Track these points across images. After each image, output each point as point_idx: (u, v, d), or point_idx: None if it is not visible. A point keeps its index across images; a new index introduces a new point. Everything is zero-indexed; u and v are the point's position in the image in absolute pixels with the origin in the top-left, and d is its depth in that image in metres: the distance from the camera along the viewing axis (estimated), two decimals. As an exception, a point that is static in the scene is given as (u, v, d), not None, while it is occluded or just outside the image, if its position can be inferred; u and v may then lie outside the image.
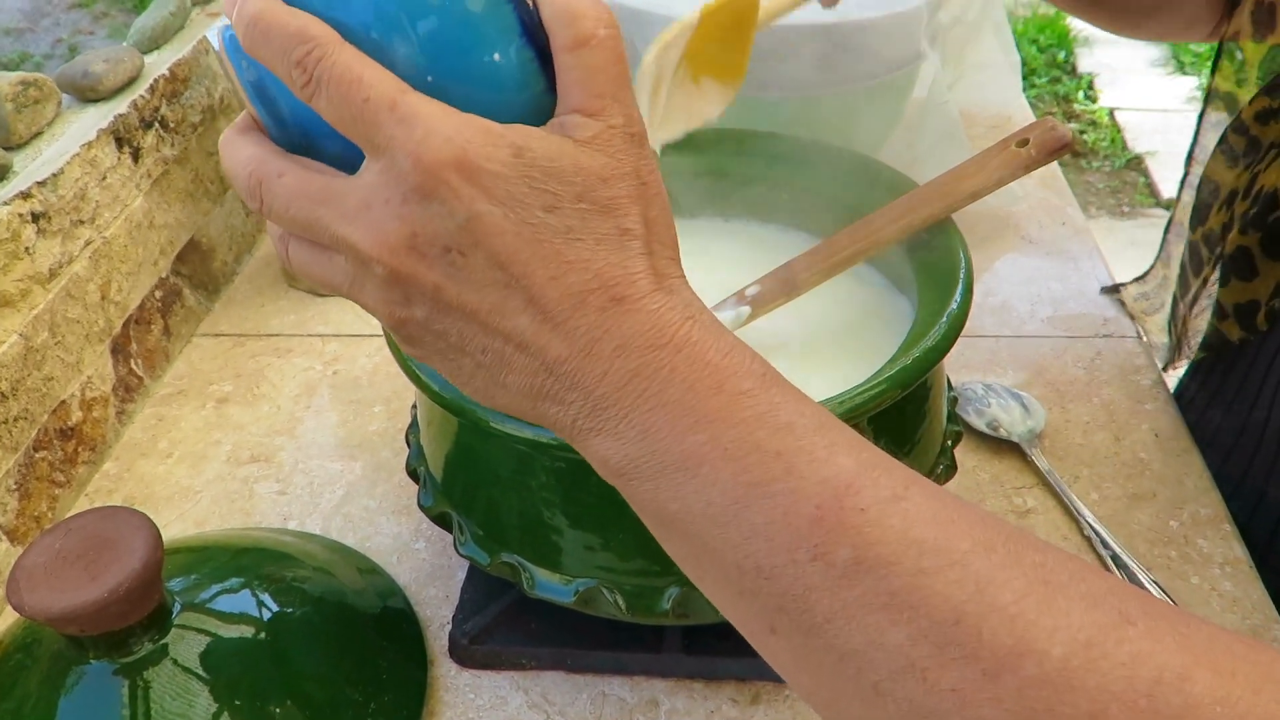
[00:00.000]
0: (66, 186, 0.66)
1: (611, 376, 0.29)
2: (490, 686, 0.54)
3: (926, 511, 0.27)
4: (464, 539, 0.51)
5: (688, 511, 0.28)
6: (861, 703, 0.27)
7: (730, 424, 0.28)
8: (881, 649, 0.26)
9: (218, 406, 0.74)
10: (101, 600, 0.45)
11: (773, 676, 0.53)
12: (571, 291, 0.28)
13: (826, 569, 0.27)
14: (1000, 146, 0.52)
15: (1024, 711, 0.25)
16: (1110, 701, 0.24)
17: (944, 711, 0.25)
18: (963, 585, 0.26)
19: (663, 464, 0.28)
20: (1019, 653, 0.25)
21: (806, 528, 0.27)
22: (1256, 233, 0.60)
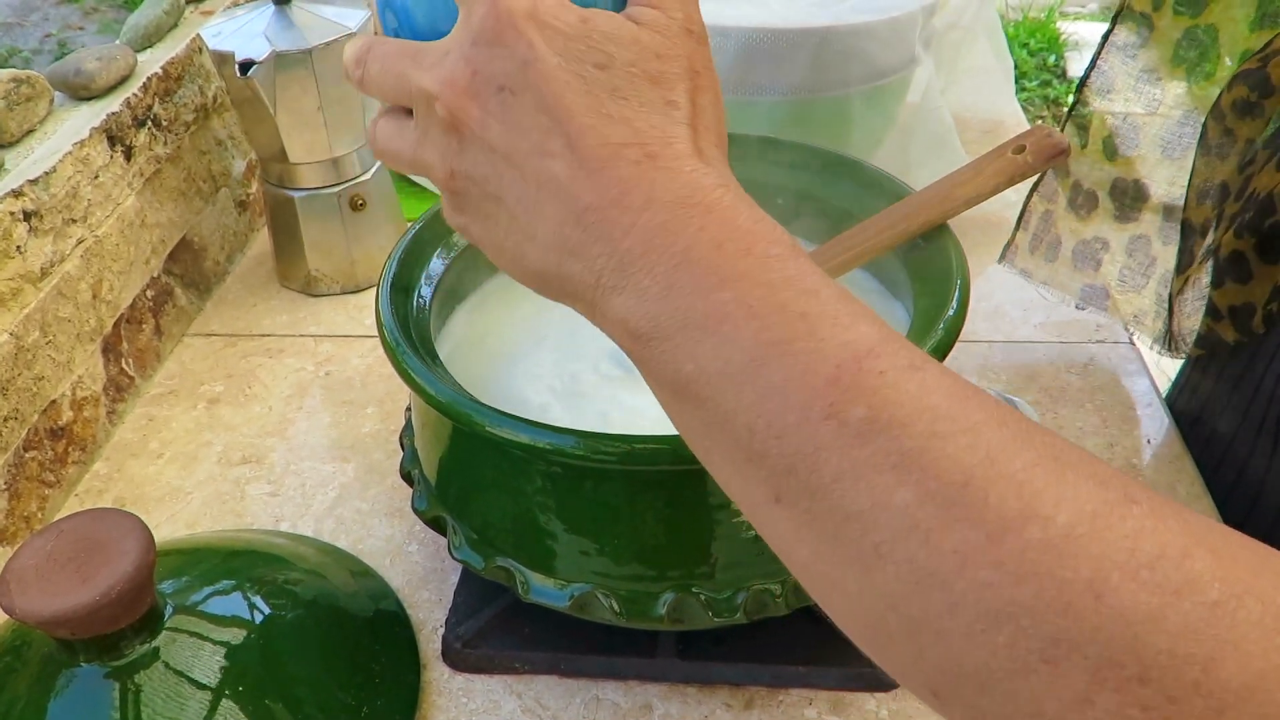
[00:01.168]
0: (58, 185, 0.66)
1: (639, 229, 0.29)
2: (483, 690, 0.54)
3: (943, 383, 0.27)
4: (458, 543, 0.50)
5: (703, 372, 0.28)
6: (861, 568, 0.27)
7: (756, 284, 0.28)
8: (887, 509, 0.26)
9: (209, 407, 0.74)
10: (93, 603, 0.45)
11: (766, 681, 0.53)
12: (608, 143, 0.30)
13: (840, 427, 0.27)
14: (997, 153, 0.52)
15: (1024, 574, 0.25)
16: (1112, 570, 0.24)
17: (945, 573, 0.25)
18: (973, 450, 0.26)
19: (685, 321, 0.29)
20: (1024, 517, 0.25)
21: (824, 386, 0.27)
22: (1252, 237, 0.60)
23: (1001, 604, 0.25)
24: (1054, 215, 0.71)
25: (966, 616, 0.25)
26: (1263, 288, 0.61)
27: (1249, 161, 0.60)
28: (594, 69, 0.30)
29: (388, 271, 0.53)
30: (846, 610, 0.28)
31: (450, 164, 0.32)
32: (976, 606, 0.25)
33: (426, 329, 0.53)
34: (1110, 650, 0.24)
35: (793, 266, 0.29)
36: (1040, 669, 0.24)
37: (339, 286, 0.83)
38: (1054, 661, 0.24)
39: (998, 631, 0.25)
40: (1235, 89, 0.58)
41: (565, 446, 0.44)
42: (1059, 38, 3.33)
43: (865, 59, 0.78)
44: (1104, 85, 0.65)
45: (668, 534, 0.46)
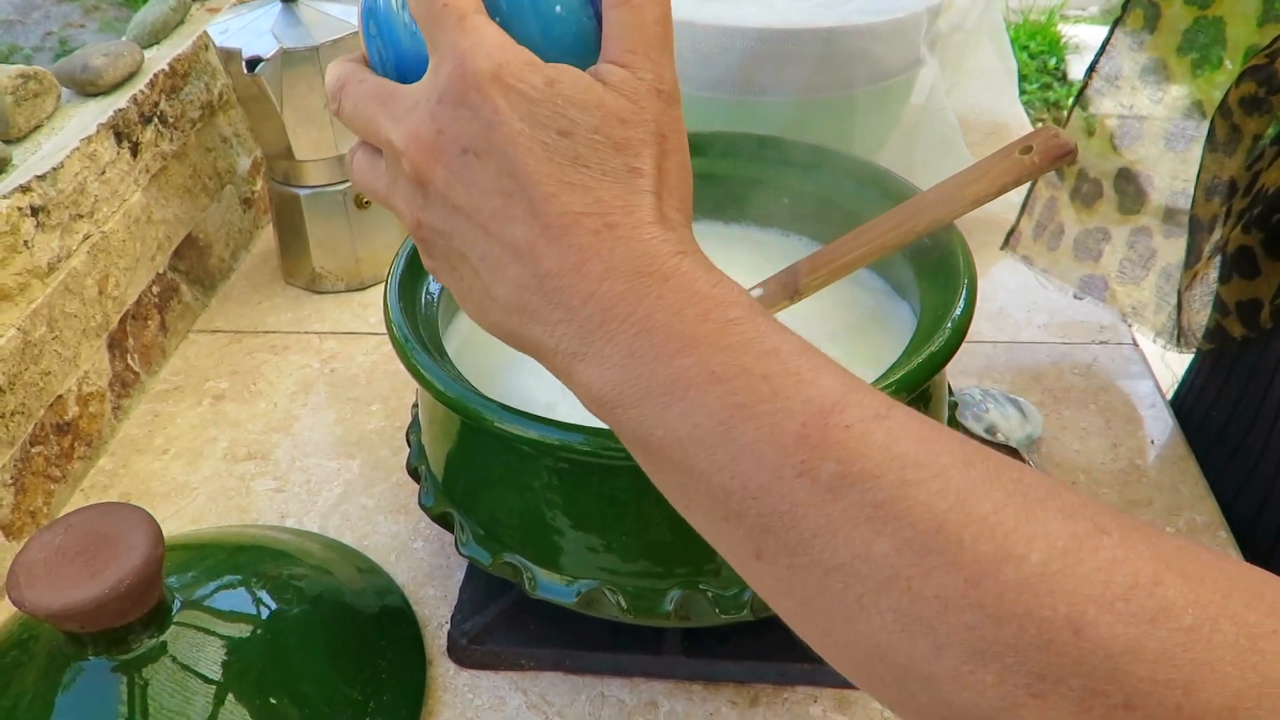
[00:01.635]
0: (66, 181, 0.66)
1: (598, 298, 0.30)
2: (489, 687, 0.54)
3: (908, 429, 0.28)
4: (465, 539, 0.51)
5: (674, 436, 0.29)
6: (846, 619, 0.27)
7: (717, 349, 0.29)
8: (867, 561, 0.27)
9: (214, 403, 0.74)
10: (102, 597, 0.45)
11: (772, 679, 0.53)
12: (569, 210, 0.30)
13: (812, 484, 0.27)
14: (1003, 154, 0.53)
15: (1004, 614, 0.25)
16: (1088, 604, 0.25)
17: (928, 619, 0.26)
18: (944, 496, 0.26)
19: (649, 388, 0.29)
20: (999, 559, 0.25)
21: (793, 445, 0.27)
22: (1259, 232, 0.60)
23: (985, 644, 0.25)
24: (1058, 202, 0.71)
25: (952, 659, 0.26)
26: (1270, 283, 0.61)
27: (1257, 157, 0.60)
28: (557, 135, 0.30)
29: (396, 267, 0.54)
30: (836, 658, 0.29)
31: (417, 215, 0.33)
32: (961, 648, 0.26)
33: (434, 325, 0.53)
34: (1094, 681, 0.24)
35: (750, 328, 0.29)
36: (1029, 703, 0.25)
37: (344, 284, 0.83)
38: (1041, 695, 0.25)
39: (985, 671, 0.25)
40: (1243, 85, 0.58)
41: (574, 442, 0.44)
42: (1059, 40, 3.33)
43: (870, 60, 0.78)
44: (1112, 71, 0.65)
45: (675, 531, 0.46)
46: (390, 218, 0.83)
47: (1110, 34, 0.65)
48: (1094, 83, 0.66)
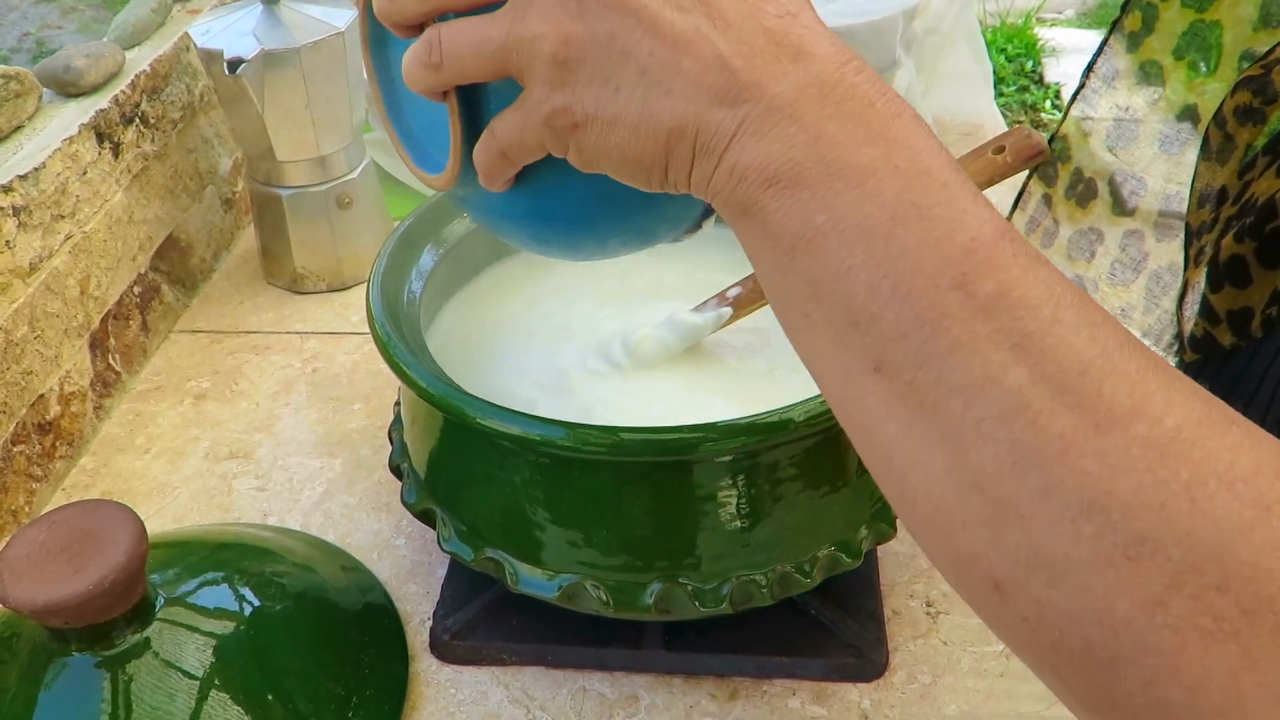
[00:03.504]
0: (47, 181, 0.66)
1: (791, 78, 0.29)
2: (471, 682, 0.55)
3: (1067, 282, 0.28)
4: (448, 535, 0.51)
5: (838, 223, 0.28)
6: (955, 446, 0.27)
7: (906, 146, 0.28)
8: (999, 385, 0.26)
9: (195, 403, 0.74)
10: (86, 593, 0.45)
11: (750, 672, 0.54)
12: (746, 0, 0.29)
13: (966, 298, 0.27)
14: (977, 154, 0.54)
15: (1124, 468, 0.25)
16: (1210, 477, 0.24)
17: (1045, 456, 0.25)
18: (1094, 344, 0.26)
19: (829, 171, 0.28)
20: (1134, 413, 0.25)
21: (958, 255, 0.27)
22: (1252, 241, 0.61)
23: (1097, 494, 0.25)
24: (1053, 200, 0.72)
25: (1058, 502, 0.25)
26: (1261, 292, 0.62)
27: (1249, 166, 0.60)
28: None
29: (379, 265, 0.54)
30: (924, 491, 0.28)
31: (564, 29, 0.30)
32: (1072, 494, 0.25)
33: (416, 323, 0.53)
34: (1195, 556, 0.24)
35: (935, 141, 0.29)
36: (1121, 564, 0.24)
37: (325, 284, 0.84)
38: (1137, 559, 0.24)
39: (1087, 521, 0.25)
40: (1239, 95, 0.59)
41: (554, 438, 0.44)
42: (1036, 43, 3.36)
43: (847, 62, 0.79)
44: (1108, 73, 0.66)
45: (655, 525, 0.47)
46: (372, 218, 0.84)
47: (1108, 35, 0.66)
48: (1091, 83, 0.67)
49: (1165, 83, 0.65)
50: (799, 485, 0.47)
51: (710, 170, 0.30)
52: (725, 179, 0.30)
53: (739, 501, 0.47)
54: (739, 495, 0.46)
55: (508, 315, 0.61)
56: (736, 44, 0.29)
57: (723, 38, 0.29)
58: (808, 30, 0.29)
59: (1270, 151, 0.59)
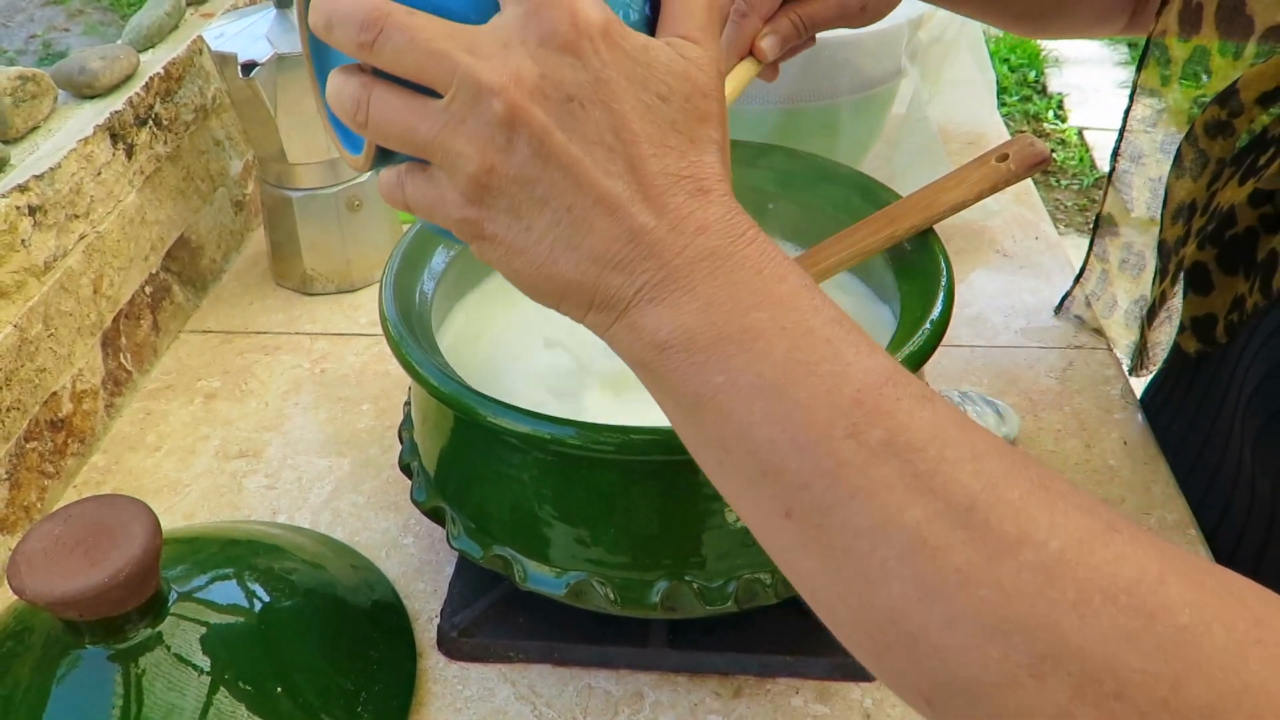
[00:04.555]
0: (62, 181, 0.67)
1: (689, 251, 0.31)
2: (478, 678, 0.55)
3: (951, 414, 0.30)
4: (457, 532, 0.52)
5: (733, 383, 0.30)
6: (867, 582, 0.29)
7: (790, 308, 0.30)
8: (899, 526, 0.28)
9: (205, 402, 0.75)
10: (101, 585, 0.46)
11: (754, 670, 0.55)
12: (668, 171, 0.31)
13: (859, 446, 0.28)
14: (980, 161, 0.54)
15: (1018, 593, 0.27)
16: (1095, 593, 0.26)
17: (947, 589, 0.27)
18: (978, 477, 0.28)
19: (720, 335, 0.30)
20: (1020, 541, 0.27)
21: (848, 406, 0.29)
22: (1213, 248, 0.62)
23: (997, 620, 0.27)
24: (1110, 274, 0.74)
25: (963, 631, 0.27)
26: (1224, 298, 0.63)
27: (1216, 177, 0.61)
28: (657, 99, 0.31)
29: (392, 266, 0.55)
30: (848, 622, 0.30)
31: (491, 159, 0.31)
32: (974, 621, 0.27)
33: (428, 323, 0.54)
34: (1091, 667, 0.26)
35: (819, 299, 0.31)
36: (1028, 683, 0.26)
37: (334, 286, 0.84)
38: (1040, 676, 0.26)
39: (991, 646, 0.27)
40: (1208, 111, 0.60)
41: (564, 436, 0.45)
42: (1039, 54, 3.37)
43: (853, 70, 0.80)
44: (1134, 153, 0.68)
45: (662, 523, 0.48)
46: (382, 221, 0.85)
47: (1124, 121, 0.68)
48: (1120, 164, 0.69)
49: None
50: (804, 485, 0.48)
51: (608, 323, 0.32)
52: (623, 334, 0.32)
53: (745, 501, 0.47)
54: (745, 495, 0.47)
55: (518, 316, 0.61)
56: (649, 216, 0.31)
57: (640, 208, 0.31)
58: (713, 206, 0.31)
59: (1235, 162, 0.60)
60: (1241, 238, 0.61)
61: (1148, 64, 0.64)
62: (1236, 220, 0.61)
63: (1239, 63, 0.58)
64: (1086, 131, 3.04)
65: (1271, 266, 0.59)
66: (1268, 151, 0.59)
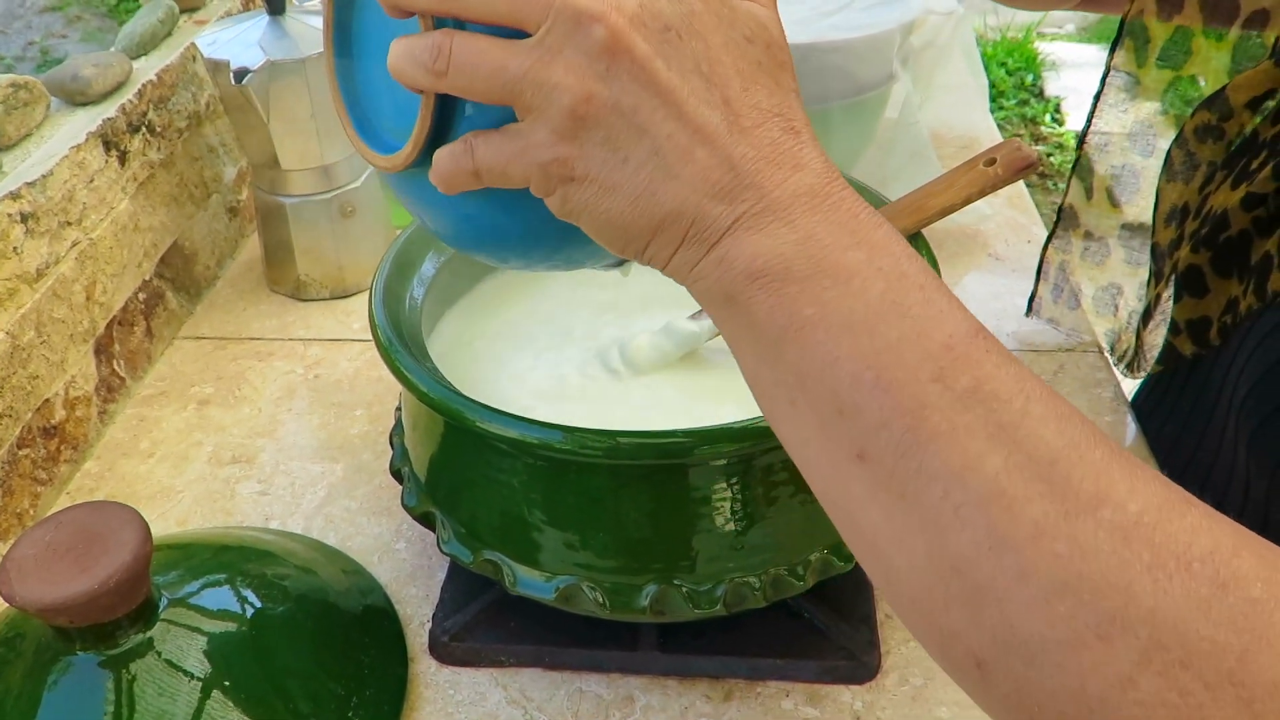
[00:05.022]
0: (55, 188, 0.67)
1: (789, 185, 0.31)
2: (470, 683, 0.55)
3: (1037, 379, 0.30)
4: (447, 537, 0.52)
5: (825, 317, 0.30)
6: (936, 530, 0.28)
7: (886, 252, 0.31)
8: (977, 474, 0.28)
9: (199, 408, 0.75)
10: (91, 592, 0.46)
11: (744, 674, 0.55)
12: (760, 107, 0.31)
13: (945, 390, 0.28)
14: (969, 165, 0.55)
15: (1093, 551, 0.26)
16: (1170, 558, 0.26)
17: (1019, 541, 0.27)
18: (1062, 435, 0.28)
19: (817, 269, 0.30)
20: (1100, 500, 0.27)
21: (937, 350, 0.29)
22: (1207, 251, 0.62)
23: (1069, 575, 0.27)
24: (1070, 265, 0.74)
25: (1033, 584, 0.27)
26: (1218, 301, 0.63)
27: (1208, 180, 0.62)
28: (744, 40, 0.32)
29: (381, 273, 0.55)
30: (907, 573, 0.30)
31: (590, 87, 0.31)
32: (1046, 576, 0.27)
33: (418, 329, 0.54)
34: (1160, 633, 0.26)
35: (911, 250, 0.31)
36: (1093, 643, 0.26)
37: (328, 291, 0.85)
38: (1107, 638, 0.26)
39: (1060, 601, 0.27)
40: (1198, 115, 0.60)
41: (552, 441, 0.45)
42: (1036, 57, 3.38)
43: (845, 75, 0.80)
44: (1101, 141, 0.68)
45: (651, 527, 0.48)
46: (375, 227, 0.85)
47: (1093, 108, 0.68)
48: (1087, 151, 0.69)
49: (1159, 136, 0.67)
50: (792, 489, 0.48)
51: (698, 258, 0.32)
52: (713, 267, 0.31)
53: (733, 504, 0.47)
54: (733, 498, 0.47)
55: (507, 323, 0.62)
56: (747, 147, 0.31)
57: (736, 139, 0.31)
58: (806, 146, 0.32)
59: (1227, 166, 0.60)
60: (1235, 241, 0.61)
61: (1123, 44, 0.64)
62: (1230, 224, 0.61)
63: (1221, 45, 0.59)
64: (1083, 135, 3.04)
65: (1265, 269, 0.59)
66: (1259, 156, 0.59)
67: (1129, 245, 0.71)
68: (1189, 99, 0.65)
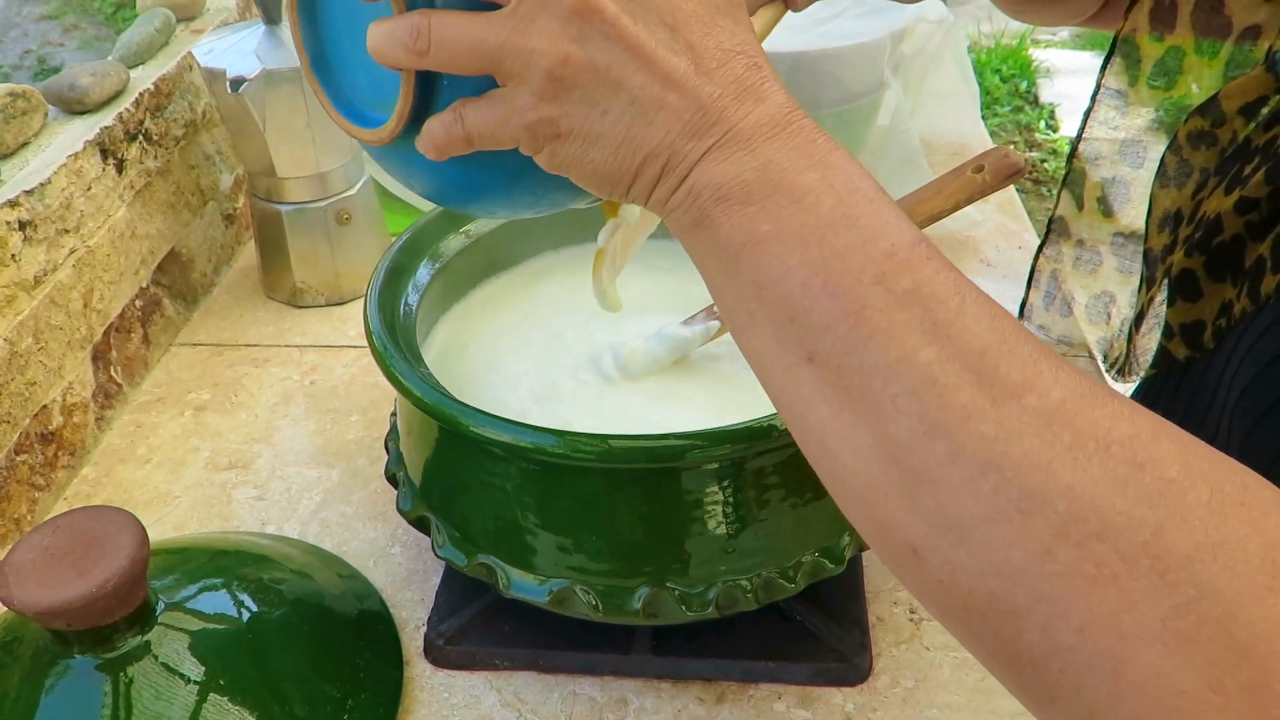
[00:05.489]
0: (53, 196, 0.68)
1: (753, 117, 0.33)
2: (464, 686, 0.56)
3: (974, 285, 0.32)
4: (442, 541, 0.52)
5: (779, 231, 0.32)
6: (876, 421, 0.30)
7: (841, 172, 0.33)
8: (911, 365, 0.30)
9: (196, 414, 0.75)
10: (89, 595, 0.46)
11: (737, 676, 0.55)
12: (722, 47, 0.34)
13: (886, 292, 0.31)
14: (957, 172, 0.55)
15: (1016, 433, 0.28)
16: (1089, 440, 0.28)
17: (950, 425, 0.29)
18: (994, 331, 0.30)
19: (774, 190, 0.32)
20: (1025, 387, 0.29)
21: (881, 256, 0.31)
22: (1201, 256, 0.63)
23: (994, 455, 0.28)
24: (1061, 273, 0.75)
25: (961, 466, 0.29)
26: (1211, 305, 0.64)
27: (1201, 186, 0.62)
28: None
29: (376, 280, 0.56)
30: (851, 468, 0.32)
31: (565, 49, 0.33)
32: (973, 456, 0.29)
33: (412, 336, 0.55)
34: (1077, 507, 0.27)
35: (864, 170, 0.33)
36: (1015, 517, 0.28)
37: (324, 298, 0.85)
38: (1027, 512, 0.28)
39: (985, 480, 0.28)
40: (1191, 121, 0.61)
41: (545, 445, 0.46)
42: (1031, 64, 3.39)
43: (836, 82, 0.81)
44: (1092, 154, 0.69)
45: (643, 530, 0.48)
46: (370, 234, 0.85)
47: (1083, 124, 0.68)
48: (1076, 165, 0.70)
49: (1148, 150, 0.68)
50: (783, 492, 0.49)
51: (671, 189, 0.34)
52: (684, 197, 0.34)
53: (725, 508, 0.48)
54: (725, 502, 0.48)
55: (501, 328, 0.62)
56: (713, 87, 0.33)
57: (703, 80, 0.33)
58: (767, 79, 0.34)
59: (1220, 171, 0.61)
60: (1228, 245, 0.62)
61: (1114, 63, 0.65)
62: (1224, 228, 0.61)
63: (1214, 62, 0.59)
64: (1077, 141, 3.05)
65: (1259, 272, 0.59)
66: (1252, 161, 0.60)
67: (1121, 254, 0.72)
68: (1183, 107, 0.65)
